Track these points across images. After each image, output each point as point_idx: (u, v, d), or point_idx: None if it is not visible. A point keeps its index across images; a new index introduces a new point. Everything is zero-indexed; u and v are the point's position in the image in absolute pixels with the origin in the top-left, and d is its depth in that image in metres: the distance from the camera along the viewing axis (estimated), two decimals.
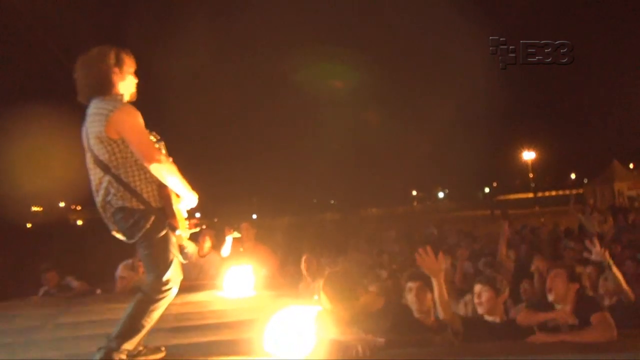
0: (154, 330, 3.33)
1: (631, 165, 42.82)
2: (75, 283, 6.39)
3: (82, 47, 3.18)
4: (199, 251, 6.57)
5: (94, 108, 3.02)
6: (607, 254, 4.35)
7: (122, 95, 3.09)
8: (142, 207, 2.98)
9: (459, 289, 5.34)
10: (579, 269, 6.15)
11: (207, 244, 6.72)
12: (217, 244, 6.93)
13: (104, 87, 3.04)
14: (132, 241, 3.02)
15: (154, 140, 3.09)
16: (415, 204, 78.96)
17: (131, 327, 2.95)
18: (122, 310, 3.06)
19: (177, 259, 3.10)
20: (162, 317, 3.17)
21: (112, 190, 2.98)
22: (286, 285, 6.31)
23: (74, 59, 3.14)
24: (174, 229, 3.05)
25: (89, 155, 3.05)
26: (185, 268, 6.52)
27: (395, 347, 3.21)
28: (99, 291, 6.53)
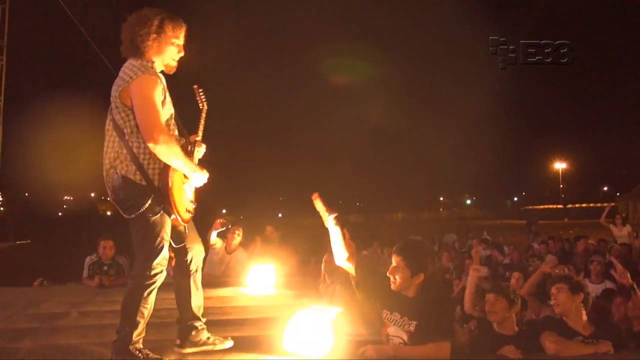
0: (173, 323, 3.39)
1: None
2: (125, 261, 6.08)
3: (114, 39, 3.19)
4: (226, 247, 6.63)
5: (123, 69, 3.00)
6: (628, 276, 4.23)
7: (152, 62, 3.02)
8: (143, 183, 2.94)
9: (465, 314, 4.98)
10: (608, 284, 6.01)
11: (236, 240, 6.74)
12: (245, 242, 6.97)
13: (137, 50, 2.99)
14: (126, 216, 2.98)
15: (169, 117, 3.04)
16: (441, 210, 78.19)
17: (132, 315, 2.96)
18: None
19: (166, 244, 3.04)
20: None
21: (121, 157, 2.95)
22: (307, 285, 6.32)
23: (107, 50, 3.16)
24: (169, 213, 3.01)
25: (109, 118, 3.03)
26: (212, 264, 6.61)
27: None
28: None
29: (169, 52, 3.08)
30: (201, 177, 3.17)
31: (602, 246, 9.75)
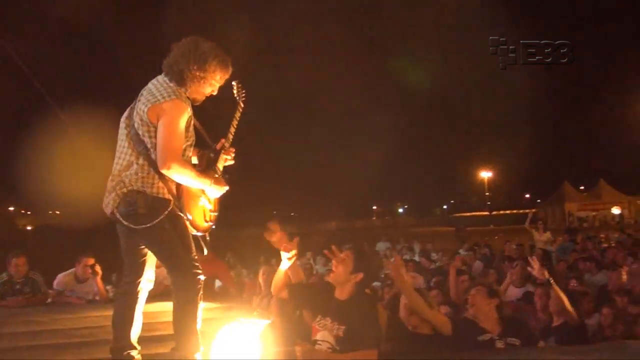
0: (106, 342, 3.24)
1: (582, 187, 44.43)
2: (39, 277, 5.81)
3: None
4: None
5: (155, 84, 2.98)
6: (546, 273, 4.49)
7: (184, 90, 3.00)
8: (162, 196, 2.93)
9: None
10: (530, 287, 6.32)
11: None
12: None
13: (180, 79, 2.97)
14: (137, 227, 2.92)
15: (189, 144, 3.04)
16: (374, 218, 79.61)
17: (192, 326, 2.94)
18: (64, 321, 2.95)
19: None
20: (107, 329, 3.08)
21: (139, 172, 2.91)
22: (239, 298, 6.23)
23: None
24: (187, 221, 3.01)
25: (127, 129, 2.98)
26: None
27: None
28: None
29: (205, 90, 3.09)
30: (216, 191, 3.16)
31: (521, 251, 10.26)
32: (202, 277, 3.00)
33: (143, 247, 3.09)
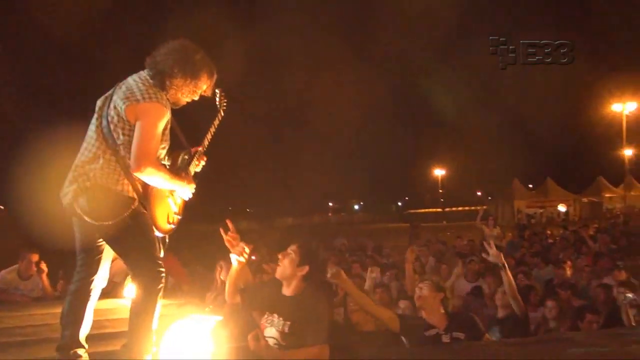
0: (51, 340, 3.13)
1: (530, 185, 45.91)
2: None
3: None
4: None
5: (137, 81, 2.90)
6: (502, 257, 4.63)
7: (165, 93, 2.94)
8: (126, 194, 2.86)
9: None
10: (481, 280, 6.50)
11: None
12: None
13: (163, 83, 2.92)
14: (98, 223, 2.83)
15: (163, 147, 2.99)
16: (330, 215, 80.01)
17: (148, 326, 2.88)
18: (7, 319, 2.84)
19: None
20: (59, 328, 2.99)
21: (105, 167, 2.84)
22: (192, 294, 6.15)
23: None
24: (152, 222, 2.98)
25: (99, 120, 2.90)
26: None
27: None
28: None
29: (188, 97, 3.06)
30: (187, 192, 3.14)
31: (472, 246, 10.53)
32: (163, 275, 2.94)
33: (100, 243, 3.01)
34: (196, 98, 3.13)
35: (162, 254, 3.11)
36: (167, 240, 3.17)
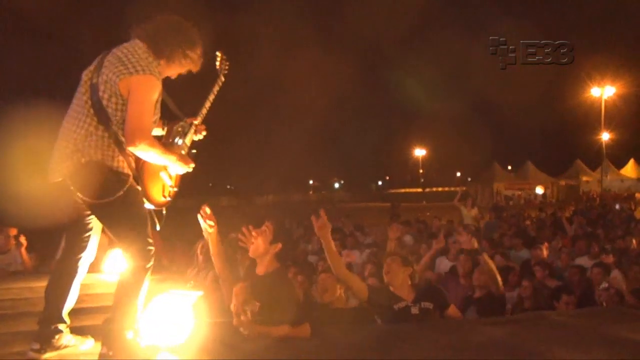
0: (29, 314, 3.09)
1: (509, 167, 46.48)
2: None
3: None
4: None
5: (127, 53, 2.80)
6: (475, 242, 4.70)
7: (157, 64, 2.88)
8: (122, 170, 2.81)
9: None
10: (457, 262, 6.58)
11: None
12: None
13: (159, 52, 2.88)
14: (93, 201, 2.78)
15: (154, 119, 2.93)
16: (311, 193, 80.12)
17: (133, 301, 2.85)
18: None
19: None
20: (37, 302, 2.96)
21: (99, 143, 2.76)
22: (172, 269, 6.12)
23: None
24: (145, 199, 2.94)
25: (88, 94, 2.80)
26: None
27: None
28: None
29: (181, 70, 3.04)
30: (180, 169, 3.07)
31: (450, 227, 10.65)
32: (153, 253, 2.92)
33: (90, 220, 2.97)
34: (184, 72, 3.08)
35: (158, 228, 3.11)
36: (164, 212, 3.14)
